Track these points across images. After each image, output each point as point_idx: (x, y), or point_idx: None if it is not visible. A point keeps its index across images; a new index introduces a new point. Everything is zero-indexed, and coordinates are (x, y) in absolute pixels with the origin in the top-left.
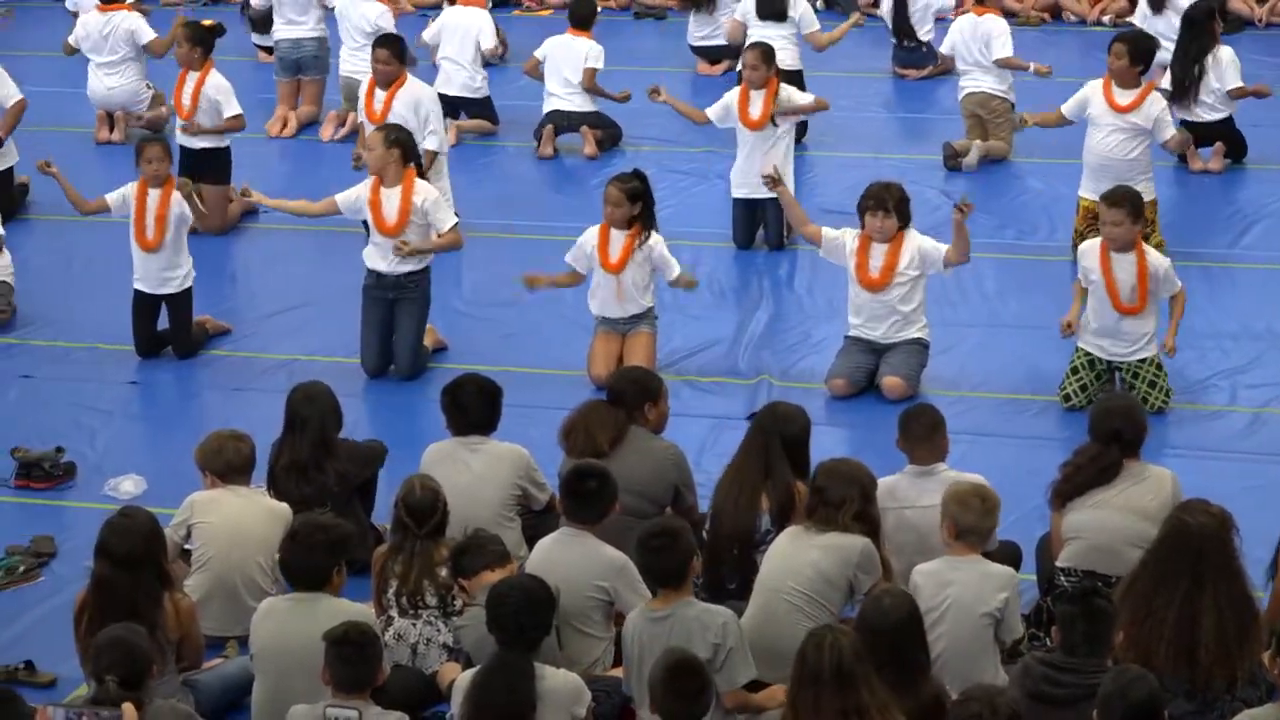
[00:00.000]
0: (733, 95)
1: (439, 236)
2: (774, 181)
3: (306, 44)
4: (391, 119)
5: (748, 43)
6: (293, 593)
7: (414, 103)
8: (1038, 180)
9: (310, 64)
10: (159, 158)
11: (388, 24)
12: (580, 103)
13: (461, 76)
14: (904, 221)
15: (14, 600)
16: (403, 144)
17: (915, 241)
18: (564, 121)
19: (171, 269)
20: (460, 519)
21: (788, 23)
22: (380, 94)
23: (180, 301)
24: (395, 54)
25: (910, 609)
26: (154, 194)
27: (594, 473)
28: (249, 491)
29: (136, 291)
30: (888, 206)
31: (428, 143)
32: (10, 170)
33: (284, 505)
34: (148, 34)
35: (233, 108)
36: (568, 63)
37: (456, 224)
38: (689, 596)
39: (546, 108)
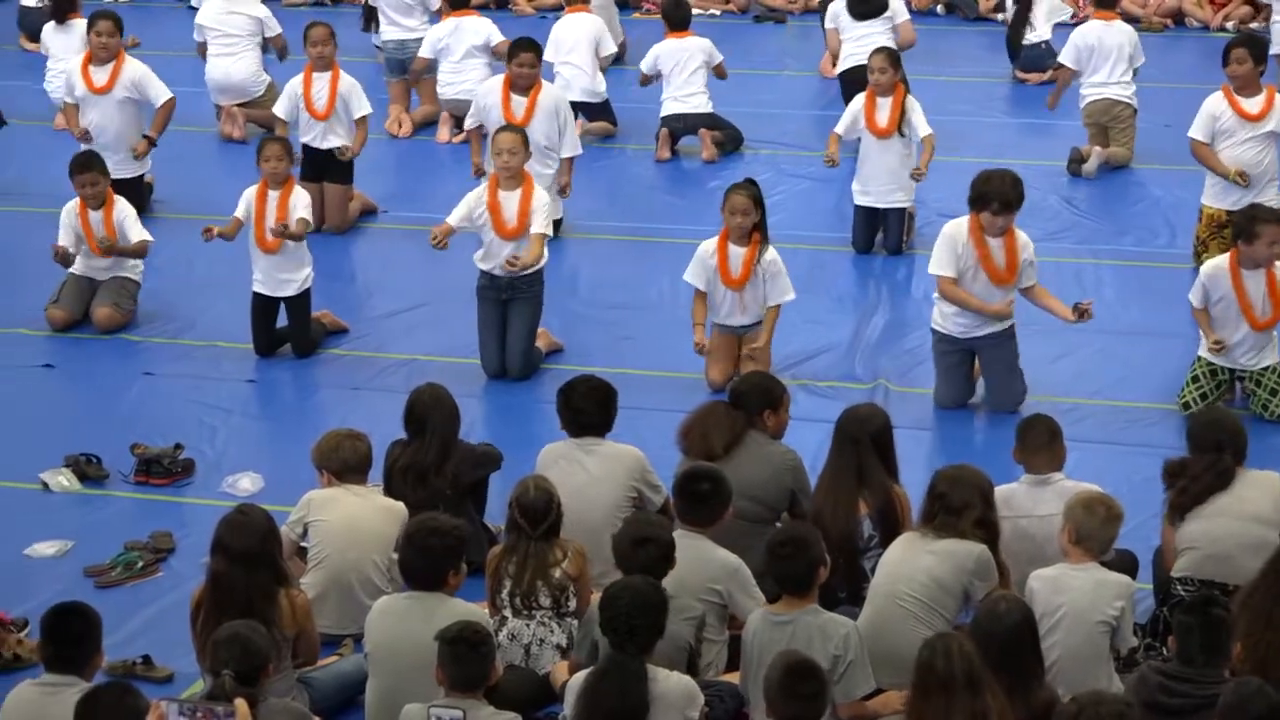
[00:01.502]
0: (857, 104)
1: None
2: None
3: (411, 45)
4: (532, 124)
5: (844, 45)
6: (408, 591)
7: (554, 107)
8: (1158, 187)
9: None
10: (278, 156)
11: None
12: (697, 104)
13: (582, 81)
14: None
15: (132, 595)
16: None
17: (1026, 245)
18: (680, 125)
19: (293, 271)
20: (574, 520)
21: (883, 18)
22: (517, 98)
23: (299, 303)
24: (540, 55)
25: (1025, 614)
26: (273, 195)
27: (707, 475)
28: (365, 490)
29: (255, 294)
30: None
31: (564, 149)
32: (141, 175)
33: (400, 504)
34: (275, 28)
35: (364, 106)
36: (684, 66)
37: (546, 235)
38: (814, 604)
39: (664, 112)
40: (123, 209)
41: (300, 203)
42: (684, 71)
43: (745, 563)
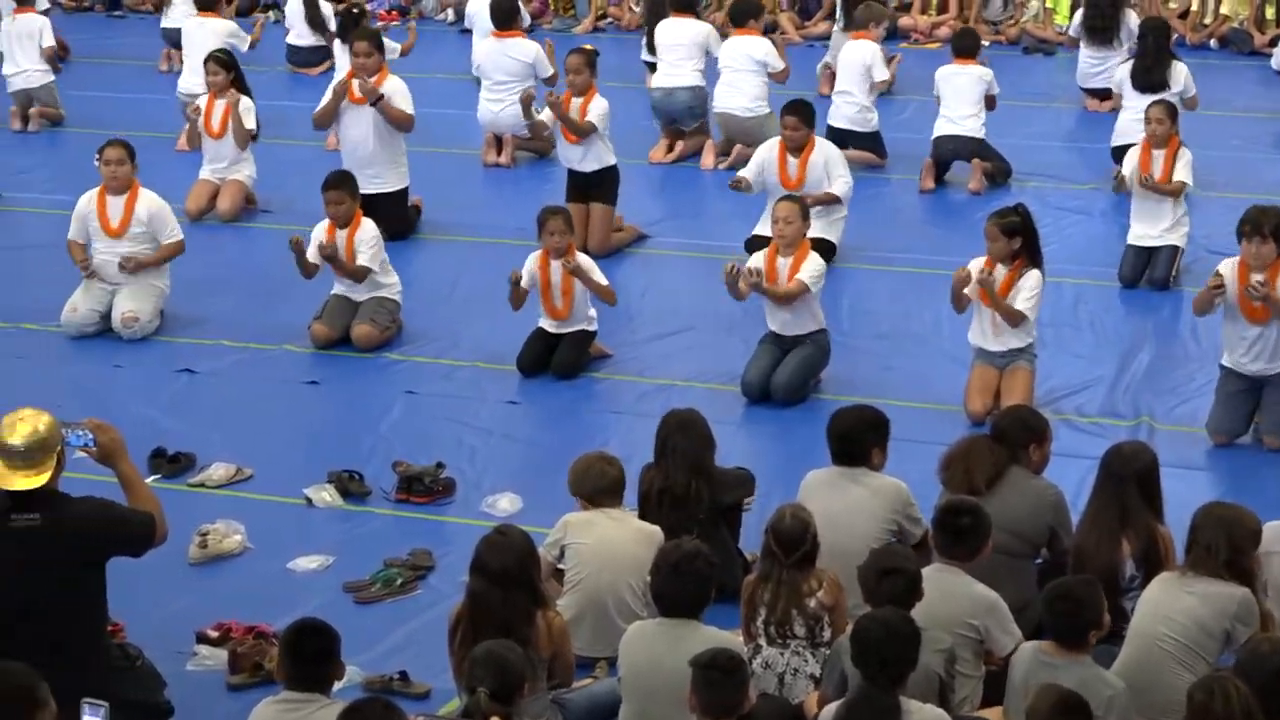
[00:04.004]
0: (1135, 154)
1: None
2: None
3: (679, 94)
4: (805, 186)
5: (1124, 115)
6: (660, 617)
7: (823, 164)
8: None
9: (684, 115)
10: (560, 230)
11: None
12: (970, 127)
13: (851, 110)
14: None
15: (391, 612)
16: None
17: None
18: (950, 147)
19: (581, 315)
20: (831, 548)
21: (1167, 93)
22: (792, 160)
23: (579, 338)
24: (805, 119)
25: None
26: (556, 264)
27: (968, 509)
28: (621, 513)
29: (539, 328)
30: (1264, 231)
31: (835, 187)
32: (404, 190)
33: (655, 528)
34: (547, 68)
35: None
36: (962, 91)
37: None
38: (1086, 658)
39: (936, 133)
40: (365, 232)
41: (593, 274)
42: (960, 95)
43: (1003, 597)
